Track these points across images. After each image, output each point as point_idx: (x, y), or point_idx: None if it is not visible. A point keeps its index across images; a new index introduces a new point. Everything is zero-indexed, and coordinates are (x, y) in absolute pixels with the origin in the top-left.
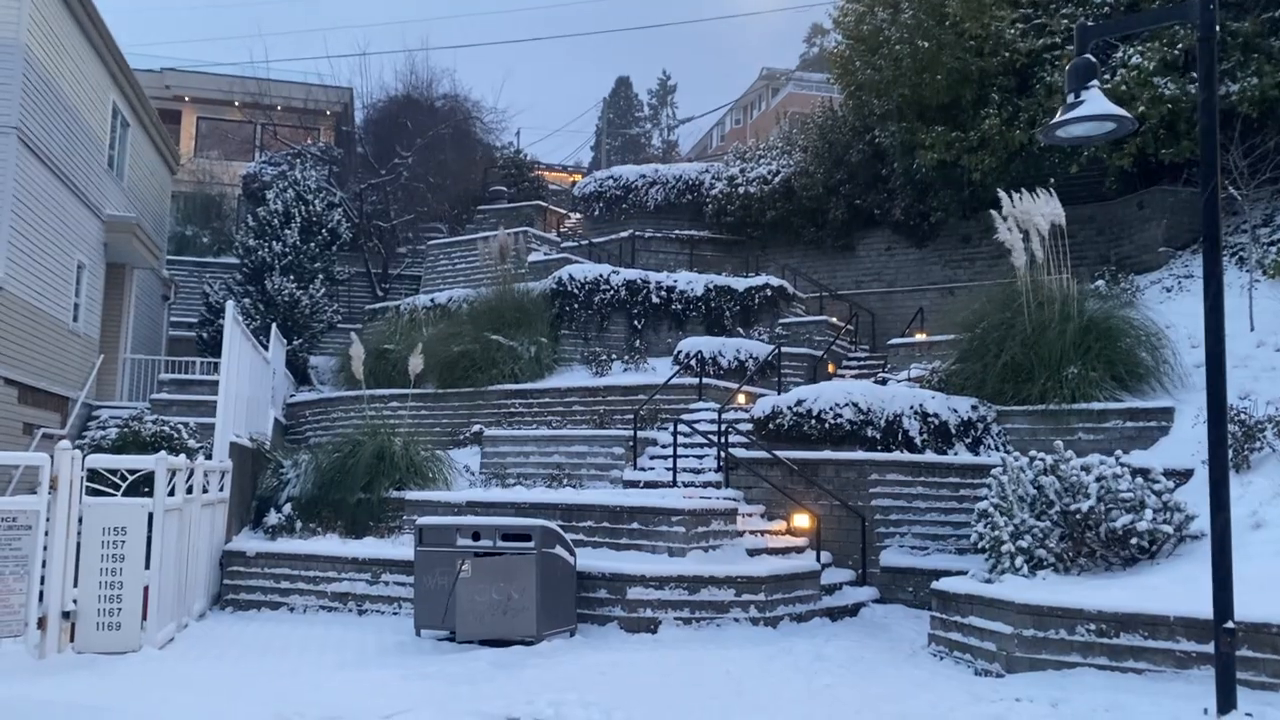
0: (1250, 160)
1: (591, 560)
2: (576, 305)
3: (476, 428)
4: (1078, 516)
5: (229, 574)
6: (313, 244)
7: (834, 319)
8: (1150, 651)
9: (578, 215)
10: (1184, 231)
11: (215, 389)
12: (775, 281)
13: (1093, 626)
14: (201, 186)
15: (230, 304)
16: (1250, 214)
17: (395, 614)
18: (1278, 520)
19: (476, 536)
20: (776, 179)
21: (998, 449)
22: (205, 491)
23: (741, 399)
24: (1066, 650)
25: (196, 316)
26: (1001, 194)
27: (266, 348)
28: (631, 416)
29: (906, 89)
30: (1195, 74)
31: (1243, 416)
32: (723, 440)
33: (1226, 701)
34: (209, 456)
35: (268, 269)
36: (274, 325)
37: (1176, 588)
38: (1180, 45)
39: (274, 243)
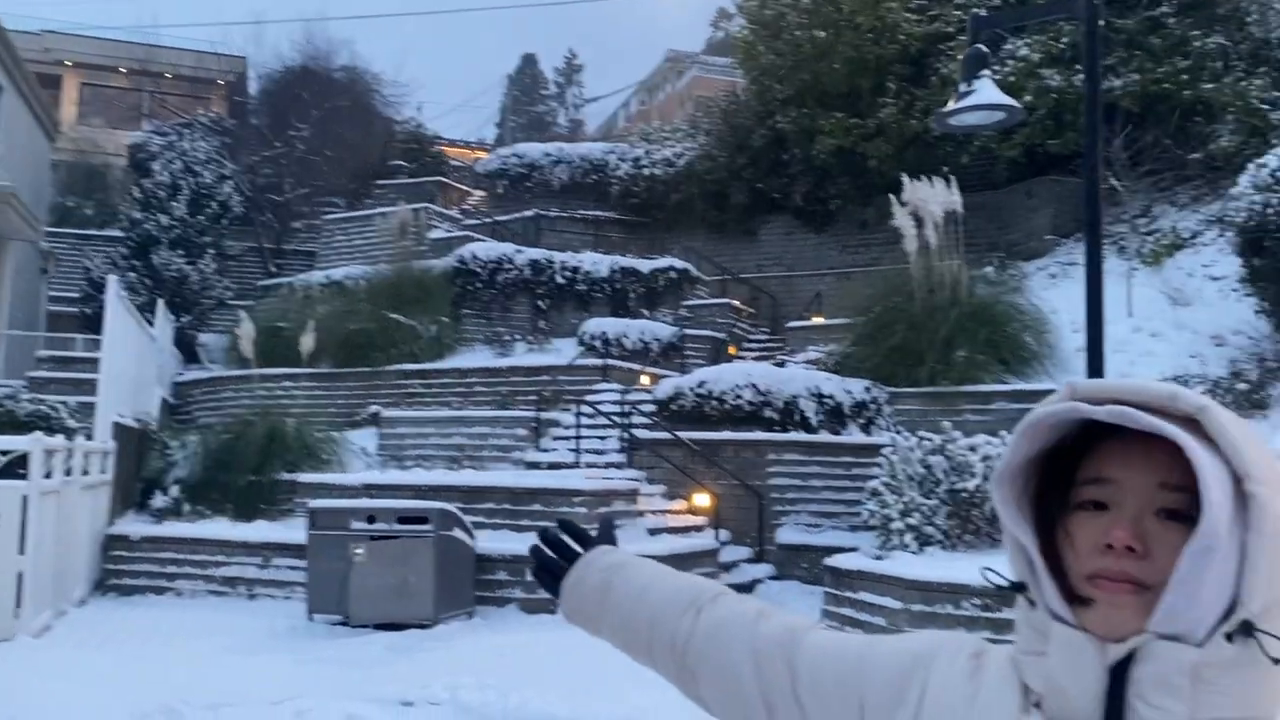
0: (1131, 153)
1: (492, 542)
2: (480, 284)
3: (374, 408)
4: (964, 495)
5: (112, 558)
6: (202, 217)
7: (736, 302)
8: None
9: (481, 193)
10: (1069, 220)
11: (97, 367)
12: (679, 264)
13: (978, 601)
14: (84, 156)
15: (113, 278)
16: (1130, 204)
17: (288, 599)
18: None
19: (372, 519)
20: (681, 161)
21: (890, 429)
22: (86, 473)
23: (645, 380)
24: (953, 624)
25: (78, 291)
26: (905, 179)
27: (153, 324)
28: (535, 398)
29: (807, 75)
30: (1080, 67)
31: None
32: (626, 421)
33: None
34: (90, 437)
35: (154, 243)
36: (161, 301)
37: None
38: (1065, 39)
39: (161, 215)
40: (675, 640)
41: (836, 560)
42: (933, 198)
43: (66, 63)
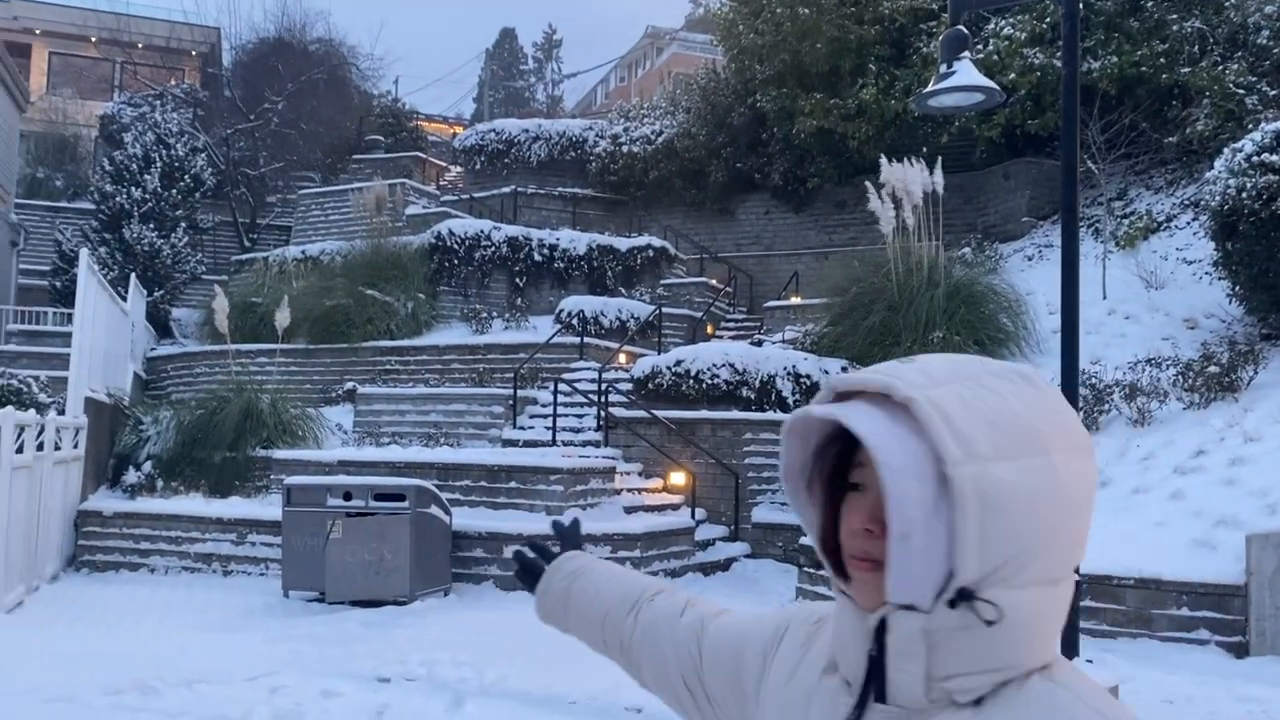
0: (1108, 136)
1: (468, 520)
2: (457, 261)
3: (350, 385)
4: None
5: (84, 534)
6: (175, 190)
7: (714, 281)
8: None
9: (458, 169)
10: (1046, 203)
11: (69, 341)
12: (657, 242)
13: None
14: (54, 127)
15: (85, 251)
16: (1106, 187)
17: (263, 575)
18: (1121, 479)
19: (348, 496)
20: (660, 139)
21: None
22: (58, 448)
23: (622, 359)
24: None
25: (49, 265)
26: (883, 160)
27: (125, 299)
28: (512, 375)
29: (787, 55)
30: (1060, 47)
31: (1093, 381)
32: (603, 400)
33: (1070, 649)
34: (62, 412)
35: (126, 216)
36: (133, 275)
37: None
38: (1049, 19)
39: (133, 188)
40: (621, 639)
41: (810, 539)
42: (911, 178)
43: (36, 31)
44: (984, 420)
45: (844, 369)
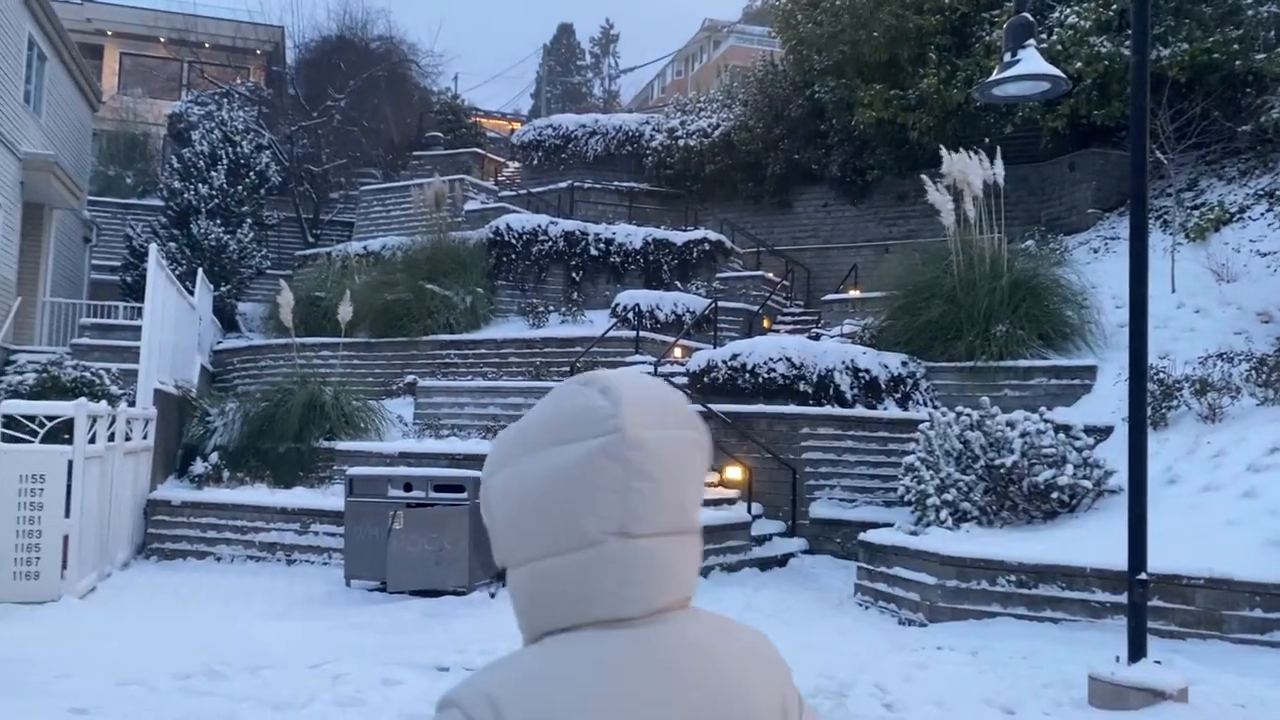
0: (1177, 125)
1: None
2: (514, 256)
3: (410, 378)
4: (1002, 471)
5: (154, 523)
6: (240, 187)
7: (770, 274)
8: (1067, 601)
9: (516, 164)
10: (1112, 194)
11: (139, 334)
12: (713, 236)
13: (1013, 577)
14: (125, 125)
15: (154, 247)
16: (1175, 178)
17: (325, 564)
18: (1191, 476)
19: (409, 487)
20: (716, 132)
21: (926, 404)
22: (128, 439)
23: (678, 352)
24: (988, 600)
25: (120, 260)
26: (944, 151)
27: (192, 293)
28: (568, 369)
29: (846, 45)
30: (1130, 33)
31: (1161, 375)
32: None
33: (1137, 649)
34: (132, 403)
35: (194, 212)
36: (200, 270)
37: (1093, 540)
38: (1116, 6)
39: (200, 185)
40: None
41: (871, 535)
42: (971, 170)
43: (107, 32)
44: (496, 444)
45: (904, 363)
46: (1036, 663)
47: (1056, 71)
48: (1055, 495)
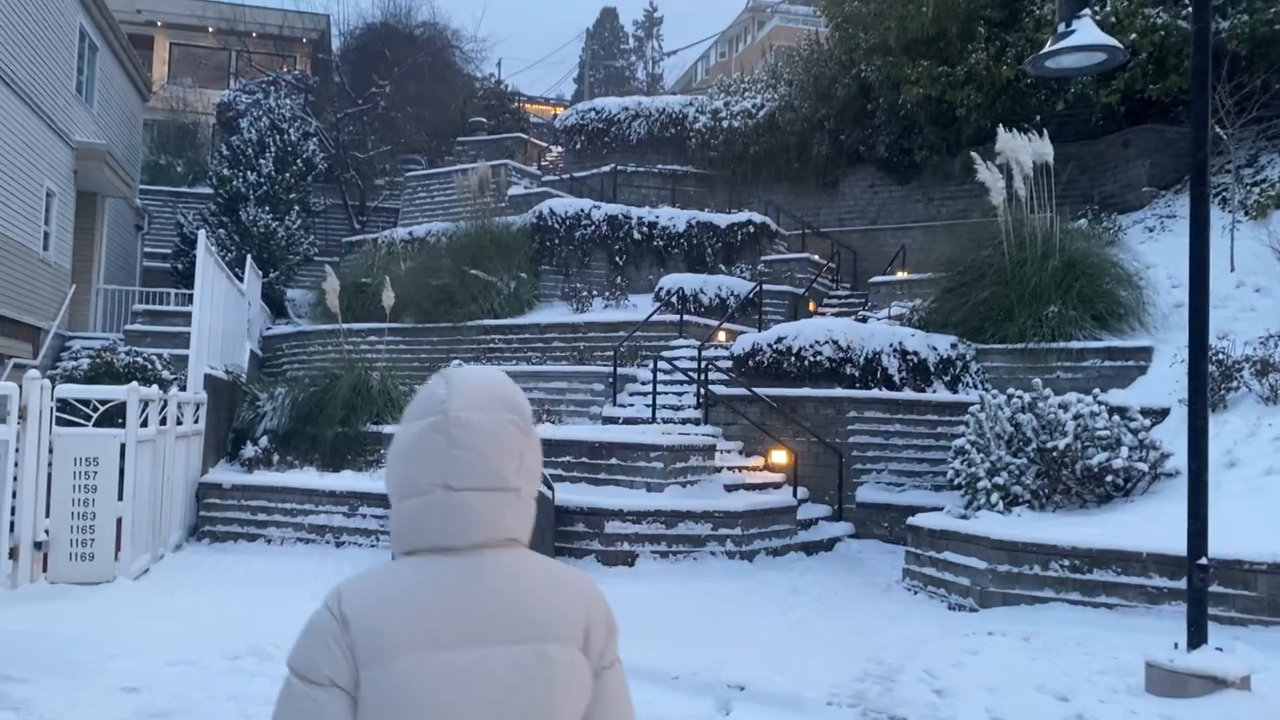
0: (1237, 99)
1: (570, 495)
2: (557, 240)
3: (455, 362)
4: (1054, 454)
5: (205, 506)
6: (288, 174)
7: (816, 257)
8: (1123, 587)
9: (559, 149)
10: (1168, 171)
11: (190, 321)
12: (758, 218)
13: (1066, 562)
14: (175, 115)
15: (202, 232)
16: (1235, 154)
17: (373, 546)
18: (1251, 459)
19: None
20: (761, 113)
21: (976, 387)
22: (180, 423)
23: (722, 336)
24: (1040, 586)
25: (171, 248)
26: (1000, 129)
27: (242, 280)
28: (611, 353)
29: (893, 21)
30: (1185, 4)
31: (1221, 356)
32: (702, 377)
33: (1197, 636)
34: (183, 388)
35: (242, 200)
36: (249, 257)
37: (1150, 525)
38: None
39: (248, 172)
40: None
41: (920, 519)
42: (1021, 148)
43: (157, 23)
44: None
45: (953, 345)
46: (1090, 649)
47: (1113, 41)
48: (1110, 478)
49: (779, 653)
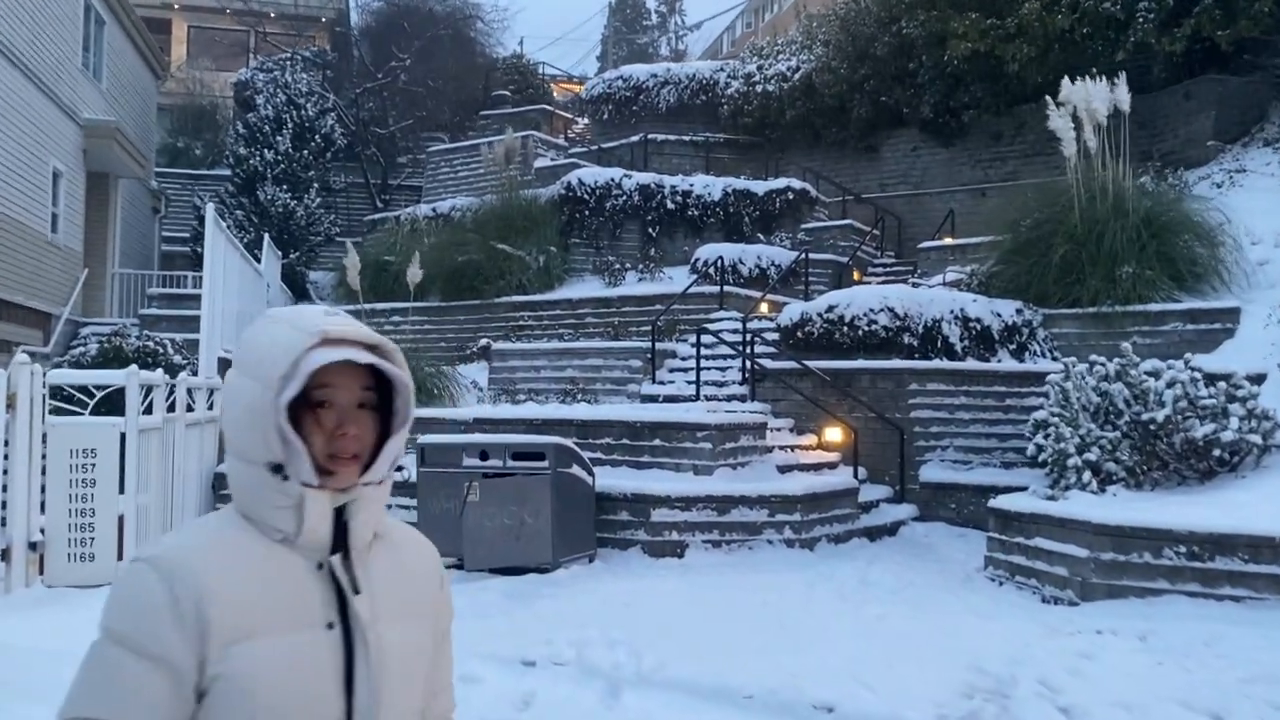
0: None
1: (611, 480)
2: (587, 212)
3: (484, 341)
4: (1152, 426)
5: (223, 497)
6: (306, 151)
7: (858, 223)
8: (1251, 577)
9: (585, 120)
10: (1234, 124)
11: None
12: (797, 185)
13: (1183, 549)
14: (194, 98)
15: (210, 206)
16: None
17: None
18: None
19: (485, 456)
20: (796, 76)
21: (1045, 355)
22: (191, 409)
23: (764, 308)
24: (1151, 575)
25: (189, 231)
26: (1065, 81)
27: (260, 260)
28: (648, 328)
29: None
30: None
31: None
32: (748, 350)
33: None
34: (195, 373)
35: (260, 178)
36: (266, 236)
37: (1271, 505)
38: None
39: (265, 150)
40: None
41: (1004, 501)
42: (1096, 95)
43: (175, 5)
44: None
45: (1018, 311)
46: (1222, 650)
47: None
48: (1216, 453)
49: (862, 661)
